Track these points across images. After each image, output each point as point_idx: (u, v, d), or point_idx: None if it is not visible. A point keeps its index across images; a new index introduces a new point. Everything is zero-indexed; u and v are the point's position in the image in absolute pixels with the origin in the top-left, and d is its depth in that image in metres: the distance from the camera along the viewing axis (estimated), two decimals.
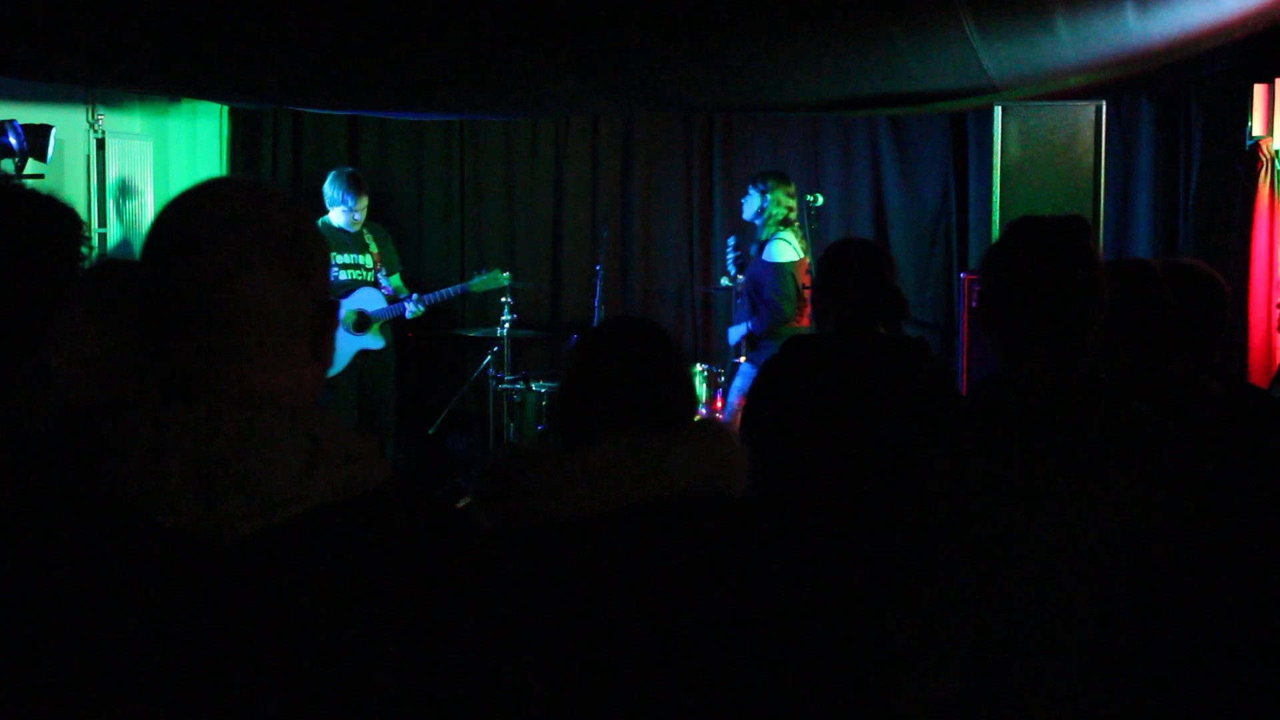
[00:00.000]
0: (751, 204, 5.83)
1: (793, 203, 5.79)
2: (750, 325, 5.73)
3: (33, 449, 1.16)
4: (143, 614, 1.09)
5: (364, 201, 6.32)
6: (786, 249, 5.68)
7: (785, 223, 5.75)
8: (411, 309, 6.35)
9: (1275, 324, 4.85)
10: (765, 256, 5.70)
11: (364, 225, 6.42)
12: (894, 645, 2.06)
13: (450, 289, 6.53)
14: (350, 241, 6.33)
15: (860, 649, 2.29)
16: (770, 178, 5.84)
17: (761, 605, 1.89)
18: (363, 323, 6.29)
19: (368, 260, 6.37)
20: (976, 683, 2.02)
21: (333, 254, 6.23)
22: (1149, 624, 2.10)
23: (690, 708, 1.82)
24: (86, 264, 2.01)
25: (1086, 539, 2.02)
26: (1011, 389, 2.11)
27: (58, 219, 1.99)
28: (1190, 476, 2.20)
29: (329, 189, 6.31)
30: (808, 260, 5.69)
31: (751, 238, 6.01)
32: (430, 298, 6.43)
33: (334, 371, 6.16)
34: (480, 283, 6.55)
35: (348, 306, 6.24)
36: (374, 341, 6.31)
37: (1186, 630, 2.32)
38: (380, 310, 6.33)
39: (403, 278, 6.63)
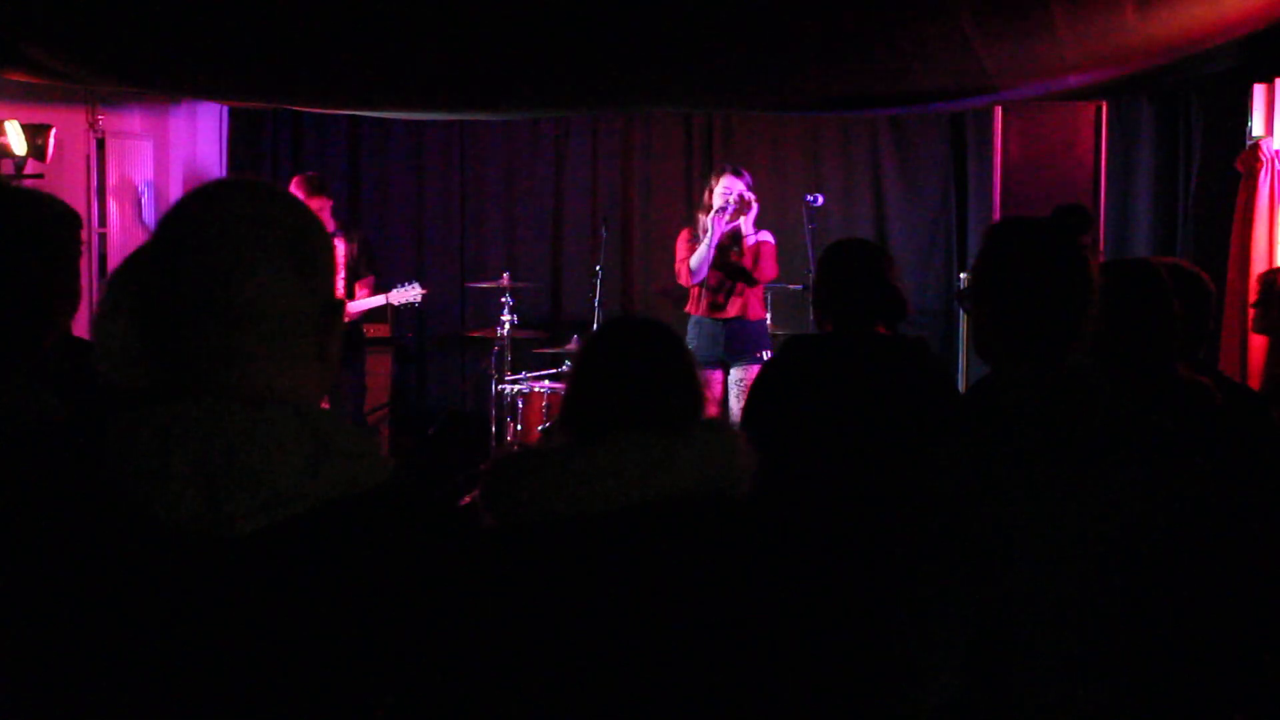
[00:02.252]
0: (742, 188, 5.78)
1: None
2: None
3: (35, 446, 1.17)
4: (146, 611, 1.09)
5: (317, 202, 6.07)
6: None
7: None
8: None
9: (1250, 325, 4.82)
10: (767, 238, 5.73)
11: (343, 230, 6.31)
12: (894, 645, 2.06)
13: (373, 299, 6.39)
14: None
15: (860, 649, 2.29)
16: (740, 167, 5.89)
17: (763, 605, 1.89)
18: None
19: None
20: (976, 683, 2.02)
21: None
22: (1149, 623, 2.10)
23: (691, 707, 1.83)
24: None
25: (1086, 539, 2.02)
26: (1010, 389, 2.11)
27: (56, 220, 1.99)
28: (1189, 476, 2.20)
29: (293, 190, 6.23)
30: None
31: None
32: (354, 305, 6.30)
33: None
34: (398, 293, 6.43)
35: None
36: None
37: (1186, 630, 2.32)
38: None
39: (382, 283, 6.47)
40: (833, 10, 4.36)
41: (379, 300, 6.38)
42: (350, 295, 6.30)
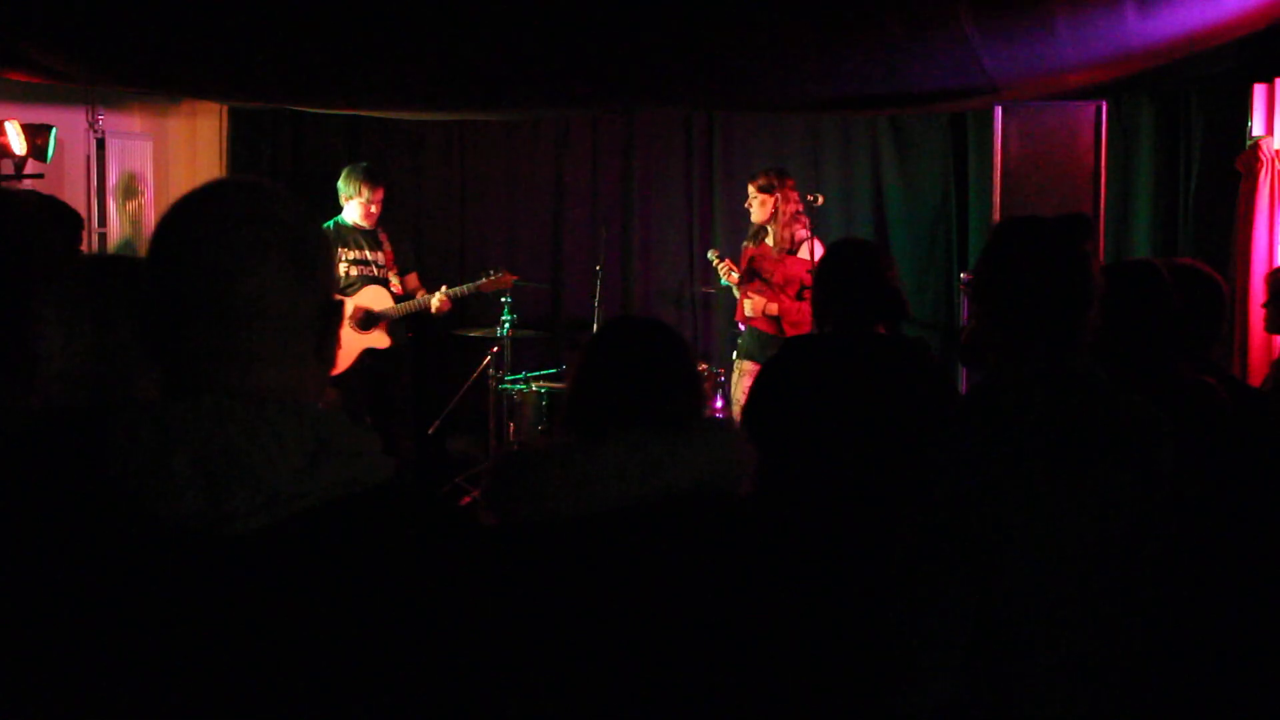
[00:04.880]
0: (764, 206, 5.83)
1: (795, 194, 5.85)
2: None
3: (36, 445, 1.17)
4: (146, 610, 1.09)
5: (379, 194, 6.19)
6: (817, 248, 5.79)
7: (799, 219, 5.81)
8: (437, 300, 6.21)
9: (1263, 325, 4.84)
10: (804, 254, 5.77)
11: (381, 224, 6.32)
12: (893, 645, 2.06)
13: (465, 286, 6.44)
14: (362, 239, 6.21)
15: (860, 649, 2.29)
16: (774, 175, 5.88)
17: (763, 604, 1.89)
18: (368, 321, 6.19)
19: (379, 258, 6.25)
20: (976, 683, 2.02)
21: (342, 250, 6.13)
22: (1148, 623, 2.10)
23: (692, 706, 1.83)
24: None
25: (1085, 538, 2.02)
26: (1010, 389, 2.11)
27: (56, 221, 1.99)
28: (1189, 477, 2.20)
29: (343, 184, 6.19)
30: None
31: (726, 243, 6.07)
32: (451, 292, 6.31)
33: (340, 369, 6.09)
34: (490, 281, 6.46)
35: (352, 305, 6.16)
36: (379, 340, 6.22)
37: (1186, 629, 2.32)
38: (387, 310, 6.23)
39: (421, 279, 6.48)
40: (833, 10, 4.36)
41: (471, 287, 6.37)
42: (404, 291, 6.29)
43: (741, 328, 6.07)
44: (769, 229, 5.88)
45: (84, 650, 1.08)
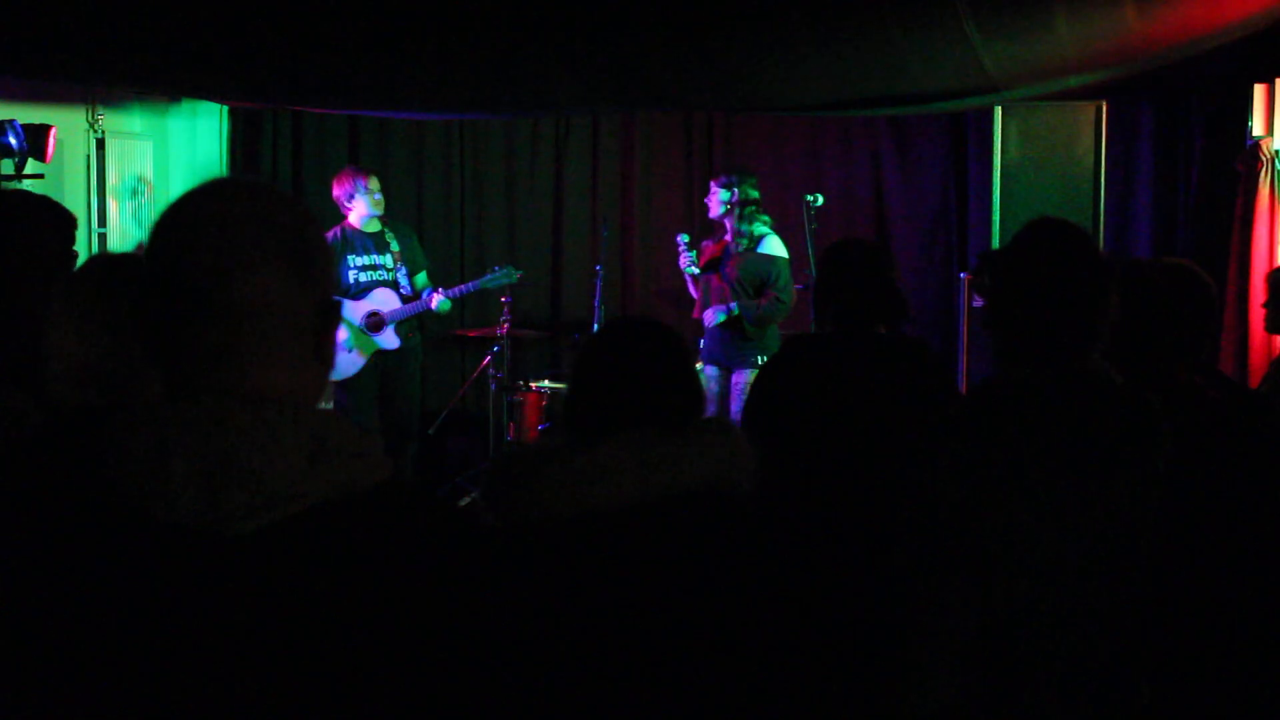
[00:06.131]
0: (719, 199, 5.89)
1: (758, 194, 5.88)
2: (745, 314, 5.77)
3: (35, 447, 1.17)
4: (145, 610, 1.09)
5: (377, 182, 6.19)
6: (779, 244, 5.83)
7: (759, 213, 5.87)
8: (439, 301, 6.20)
9: (1263, 325, 4.84)
10: (764, 249, 5.79)
11: (386, 224, 6.29)
12: (894, 645, 2.06)
13: (468, 285, 6.46)
14: (369, 242, 6.18)
15: (860, 649, 2.29)
16: (735, 171, 5.96)
17: (763, 605, 1.89)
18: (377, 323, 6.18)
19: (388, 260, 6.21)
20: (977, 683, 2.02)
21: (350, 256, 6.12)
22: (1148, 623, 2.10)
23: (692, 707, 1.83)
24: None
25: (1086, 538, 2.02)
26: (1012, 390, 2.11)
27: (53, 222, 1.99)
28: (1188, 476, 2.20)
29: (340, 188, 6.15)
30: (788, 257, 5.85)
31: (701, 237, 6.28)
32: (453, 292, 6.32)
33: (353, 372, 6.12)
34: (493, 279, 6.47)
35: (363, 308, 6.16)
36: (389, 342, 6.21)
37: (1185, 629, 2.32)
38: (396, 311, 6.21)
39: (430, 276, 6.47)
40: (833, 10, 4.36)
41: (473, 285, 6.39)
42: (414, 289, 6.28)
43: (706, 324, 6.04)
44: (726, 225, 5.92)
45: (82, 650, 1.08)
